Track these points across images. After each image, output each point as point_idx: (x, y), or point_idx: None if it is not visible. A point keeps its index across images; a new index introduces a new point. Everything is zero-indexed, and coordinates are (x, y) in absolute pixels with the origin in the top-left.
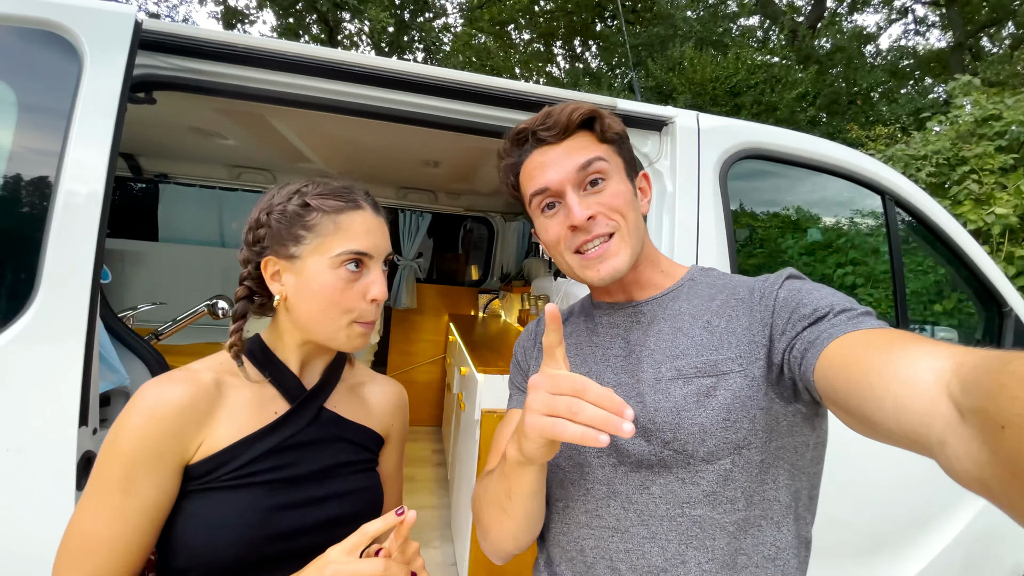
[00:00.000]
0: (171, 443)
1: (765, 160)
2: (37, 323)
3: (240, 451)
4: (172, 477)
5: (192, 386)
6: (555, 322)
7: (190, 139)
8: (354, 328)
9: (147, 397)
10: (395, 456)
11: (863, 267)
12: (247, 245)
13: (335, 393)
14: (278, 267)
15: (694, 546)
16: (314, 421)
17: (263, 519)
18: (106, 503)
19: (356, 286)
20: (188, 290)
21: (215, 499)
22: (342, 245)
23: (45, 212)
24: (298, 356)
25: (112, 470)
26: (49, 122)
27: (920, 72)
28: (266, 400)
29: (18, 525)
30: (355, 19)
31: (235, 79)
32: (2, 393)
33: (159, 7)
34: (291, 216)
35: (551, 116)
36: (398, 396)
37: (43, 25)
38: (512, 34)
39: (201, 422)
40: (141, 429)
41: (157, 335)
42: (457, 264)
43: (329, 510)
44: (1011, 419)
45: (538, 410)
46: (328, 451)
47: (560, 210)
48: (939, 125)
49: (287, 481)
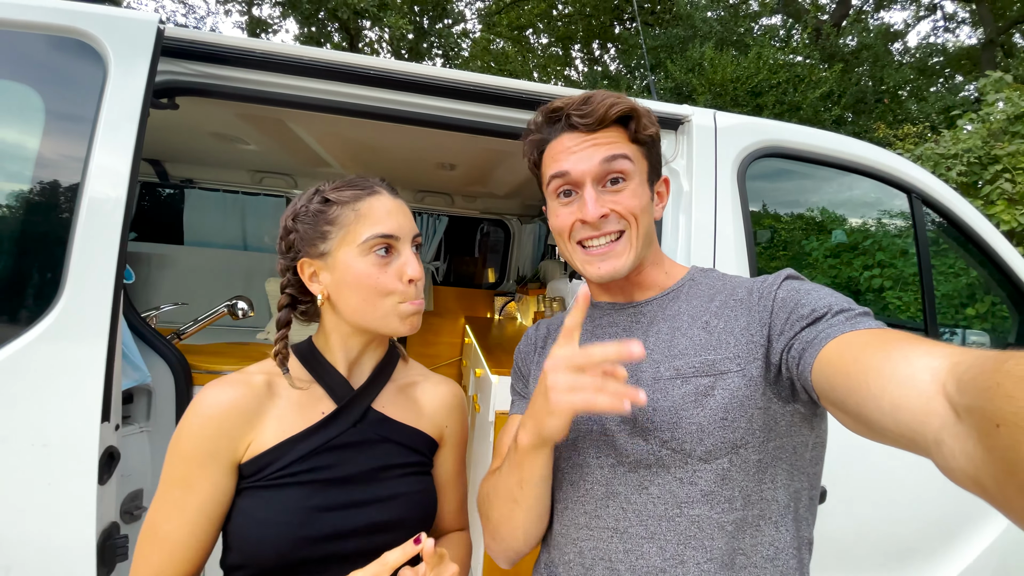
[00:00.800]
0: (224, 443)
1: (785, 158)
2: (62, 322)
3: (284, 451)
4: (227, 475)
5: (243, 388)
6: (585, 304)
7: (213, 144)
8: (402, 308)
9: (202, 400)
10: (452, 460)
11: (891, 269)
12: (281, 254)
13: (384, 393)
14: (314, 267)
15: (692, 546)
16: (360, 421)
17: (303, 520)
18: (168, 499)
19: (390, 269)
20: (211, 292)
21: (261, 497)
22: (367, 230)
23: (71, 214)
24: (345, 355)
25: (173, 468)
26: (75, 127)
27: (950, 70)
28: (314, 400)
29: (43, 517)
30: (375, 26)
31: (255, 84)
32: (29, 390)
33: (187, 19)
34: (314, 215)
35: (589, 103)
36: (453, 396)
37: (69, 33)
38: (530, 39)
39: (250, 422)
40: (196, 429)
41: (179, 334)
42: (474, 267)
43: (373, 514)
44: (1006, 417)
45: (563, 389)
46: (374, 453)
47: (575, 200)
48: (970, 123)
49: (329, 482)
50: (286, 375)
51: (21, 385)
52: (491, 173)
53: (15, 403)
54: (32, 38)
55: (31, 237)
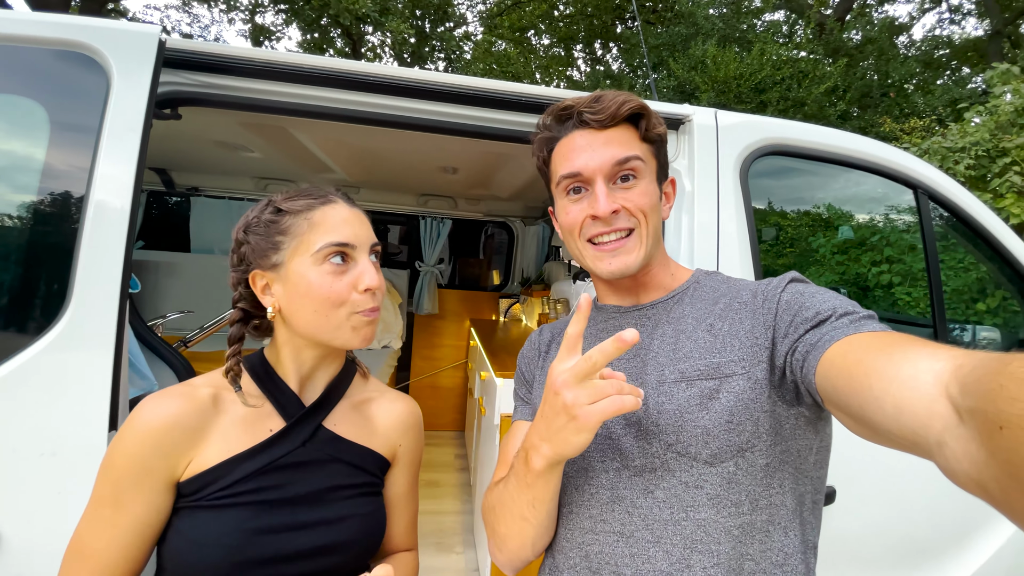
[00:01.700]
0: (160, 460)
1: (788, 156)
2: (69, 332)
3: (228, 470)
4: (162, 493)
5: (185, 402)
6: (586, 312)
7: (217, 152)
8: (356, 319)
9: (139, 413)
10: (404, 479)
11: (899, 265)
12: (233, 267)
13: (337, 410)
14: (266, 279)
15: (699, 550)
16: (310, 440)
17: (246, 542)
18: (99, 515)
19: (345, 279)
20: (217, 298)
21: (200, 518)
22: (320, 239)
23: (77, 225)
24: (297, 371)
25: (105, 484)
26: (79, 138)
27: (957, 62)
28: (262, 417)
29: (53, 524)
30: (377, 31)
31: (256, 92)
32: (38, 399)
33: (192, 28)
34: (266, 225)
35: (600, 101)
36: (408, 414)
37: (72, 47)
38: (532, 40)
39: (192, 439)
40: (131, 446)
41: (185, 342)
42: (479, 269)
43: (319, 536)
44: (1009, 420)
45: (586, 401)
46: (323, 473)
47: (585, 197)
48: (978, 116)
49: (275, 503)
50: (238, 392)
51: (30, 395)
52: (493, 176)
53: (24, 412)
54: (37, 52)
55: (39, 248)
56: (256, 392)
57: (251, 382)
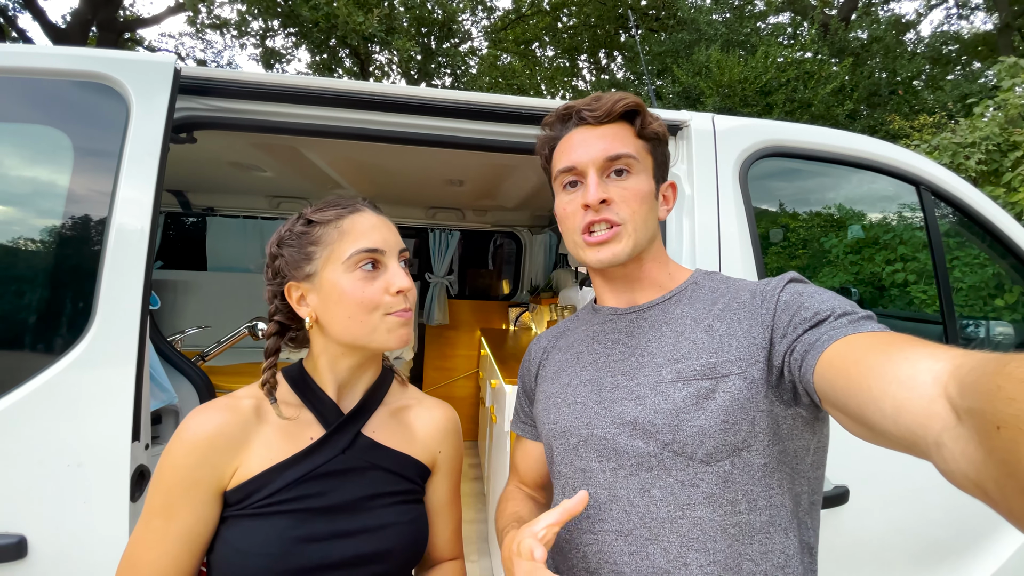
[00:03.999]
0: (207, 471)
1: (787, 158)
2: (93, 348)
3: (271, 478)
4: (209, 504)
5: (228, 413)
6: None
7: (231, 173)
8: (390, 321)
9: (187, 427)
10: (445, 487)
11: (914, 263)
12: (268, 281)
13: (375, 418)
14: (301, 290)
15: (695, 548)
16: (349, 448)
17: (288, 550)
18: (150, 527)
19: (377, 283)
20: (233, 315)
21: (245, 526)
22: (351, 246)
23: (100, 246)
24: (334, 379)
25: (155, 496)
26: (101, 164)
27: (966, 57)
28: (302, 426)
29: (80, 532)
30: (384, 50)
31: (267, 115)
32: (65, 412)
33: (205, 53)
34: (298, 237)
35: (599, 100)
36: (447, 420)
37: (93, 78)
38: (536, 52)
39: (236, 449)
40: (179, 458)
41: (203, 356)
42: (489, 279)
43: (362, 545)
44: (1007, 420)
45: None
46: (363, 480)
47: (580, 189)
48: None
49: (316, 511)
50: (274, 405)
51: (57, 409)
52: (499, 186)
53: (52, 425)
54: (61, 84)
55: (64, 270)
56: (295, 401)
57: (290, 391)
